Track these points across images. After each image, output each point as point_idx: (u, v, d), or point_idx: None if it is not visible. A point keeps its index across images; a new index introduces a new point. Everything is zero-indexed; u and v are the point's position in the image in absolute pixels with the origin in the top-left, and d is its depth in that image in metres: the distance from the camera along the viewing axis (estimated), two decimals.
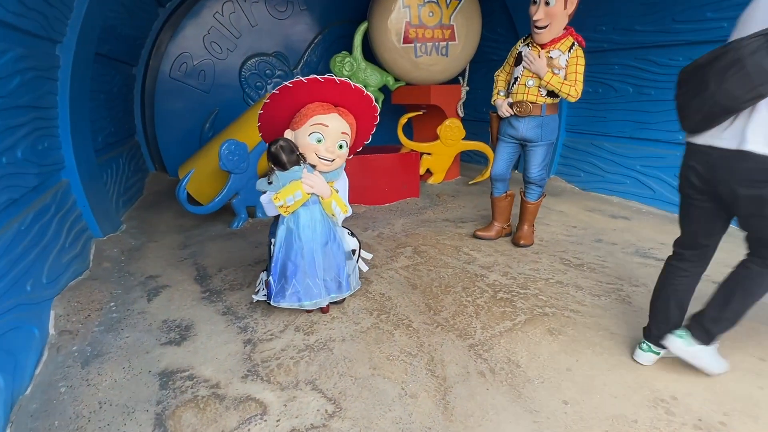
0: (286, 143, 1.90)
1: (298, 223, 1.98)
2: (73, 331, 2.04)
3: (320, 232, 2.00)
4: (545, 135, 2.72)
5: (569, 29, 2.59)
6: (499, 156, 2.89)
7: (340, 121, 1.94)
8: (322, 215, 2.01)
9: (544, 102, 2.65)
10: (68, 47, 2.70)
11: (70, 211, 2.76)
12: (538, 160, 2.78)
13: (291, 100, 1.93)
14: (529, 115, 2.68)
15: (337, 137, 1.96)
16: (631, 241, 3.00)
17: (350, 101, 1.96)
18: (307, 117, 1.93)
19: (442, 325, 2.06)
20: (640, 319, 2.06)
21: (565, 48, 2.57)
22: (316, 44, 5.22)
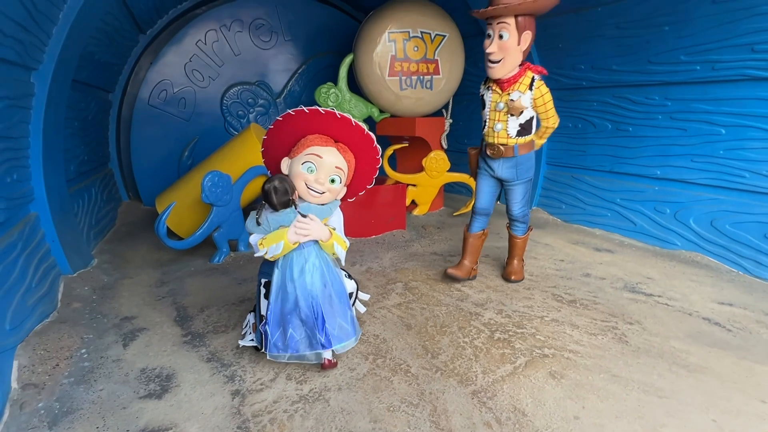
0: (281, 185, 1.79)
1: (292, 268, 1.85)
2: (39, 385, 1.85)
3: (318, 276, 1.87)
4: (521, 174, 2.66)
5: (526, 64, 2.50)
6: (481, 189, 2.83)
7: (336, 155, 1.89)
8: (318, 257, 1.88)
9: (515, 143, 2.58)
10: (44, 75, 2.58)
11: (39, 246, 2.58)
12: (518, 198, 2.74)
13: (293, 129, 1.89)
14: (502, 157, 2.62)
15: (330, 170, 1.88)
16: (618, 276, 3.02)
17: (351, 139, 1.91)
18: (305, 147, 1.88)
19: (441, 370, 1.98)
20: (640, 360, 2.04)
21: (524, 87, 2.48)
22: (299, 74, 5.21)
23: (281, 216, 1.82)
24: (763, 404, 1.75)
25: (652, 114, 3.62)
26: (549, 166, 4.63)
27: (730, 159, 3.13)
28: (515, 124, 2.53)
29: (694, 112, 3.32)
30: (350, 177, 1.99)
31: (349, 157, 1.93)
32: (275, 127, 1.90)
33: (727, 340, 2.21)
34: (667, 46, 3.37)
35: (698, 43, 3.18)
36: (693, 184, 3.38)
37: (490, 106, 2.57)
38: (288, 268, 1.86)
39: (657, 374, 1.94)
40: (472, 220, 2.88)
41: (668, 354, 2.09)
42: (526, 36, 2.38)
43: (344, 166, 1.92)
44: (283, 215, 1.82)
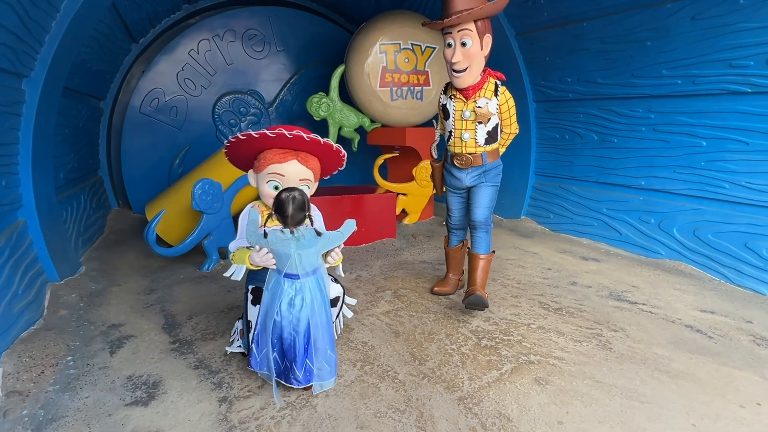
0: (301, 197, 1.66)
1: (281, 298, 1.71)
2: (24, 392, 1.83)
3: (306, 313, 1.72)
4: (489, 179, 2.59)
5: (487, 70, 2.46)
6: (453, 206, 2.75)
7: (298, 166, 1.86)
8: (312, 292, 1.72)
9: (483, 151, 2.51)
10: (36, 82, 2.59)
11: (26, 253, 2.57)
12: (485, 201, 2.58)
13: (250, 146, 1.87)
14: (471, 167, 2.54)
15: (295, 184, 1.86)
16: (604, 284, 3.07)
17: (309, 147, 1.89)
18: (265, 165, 1.87)
19: (428, 377, 2.00)
20: (623, 366, 2.08)
21: (490, 93, 2.44)
22: (291, 84, 5.26)
23: (283, 243, 1.66)
24: (741, 409, 1.79)
25: (636, 126, 3.71)
26: (537, 176, 4.70)
27: (711, 170, 3.21)
28: (483, 132, 2.47)
29: (676, 125, 3.41)
30: (318, 178, 1.99)
31: (312, 164, 1.90)
32: (229, 150, 1.90)
33: (708, 346, 2.25)
34: (650, 60, 3.47)
35: (679, 58, 3.28)
36: (676, 194, 3.46)
37: (455, 116, 2.50)
38: (277, 297, 1.71)
39: (640, 380, 1.97)
40: (449, 235, 2.85)
41: (651, 360, 2.13)
42: (487, 39, 2.36)
43: (309, 174, 1.90)
44: (283, 242, 1.66)
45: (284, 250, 1.68)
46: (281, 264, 1.71)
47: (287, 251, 1.68)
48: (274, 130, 1.78)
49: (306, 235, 1.69)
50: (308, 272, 1.72)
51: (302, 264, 1.69)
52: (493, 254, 2.64)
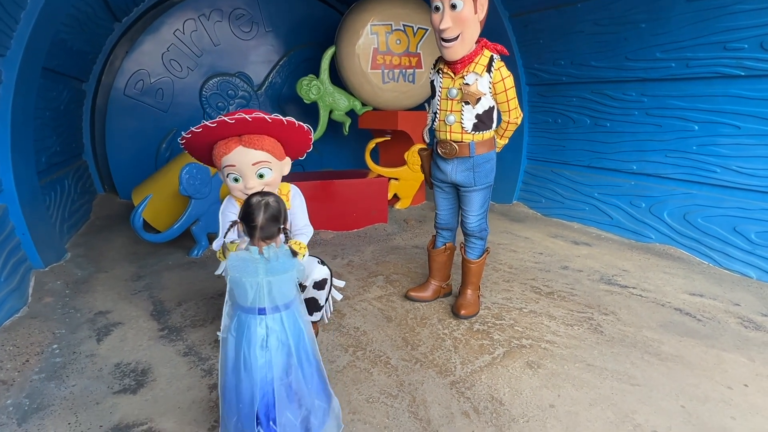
0: (277, 204, 1.34)
1: (249, 340, 1.30)
2: (8, 381, 1.79)
3: (282, 355, 1.32)
4: (479, 179, 2.21)
5: (482, 41, 2.09)
6: (440, 204, 2.41)
7: (246, 152, 1.75)
8: (287, 326, 1.34)
9: (471, 140, 2.14)
10: (12, 62, 2.48)
11: (8, 239, 2.50)
12: (475, 207, 2.27)
13: (200, 141, 1.80)
14: (456, 157, 2.19)
15: (251, 170, 1.77)
16: (595, 268, 3.08)
17: (256, 127, 1.76)
18: (218, 159, 1.80)
19: (421, 362, 1.99)
20: (614, 350, 2.09)
21: (481, 69, 2.05)
22: (281, 66, 5.14)
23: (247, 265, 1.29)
24: (729, 390, 1.82)
25: (628, 110, 3.69)
26: (529, 160, 4.69)
27: (703, 155, 3.21)
28: (471, 116, 2.10)
29: (668, 108, 3.40)
30: (280, 150, 1.85)
31: (262, 143, 1.77)
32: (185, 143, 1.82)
33: (697, 329, 2.28)
34: (644, 43, 3.44)
35: (673, 41, 3.25)
36: (667, 178, 3.46)
37: (441, 94, 2.15)
38: (244, 342, 1.31)
39: (630, 363, 1.99)
40: (435, 235, 2.51)
41: (641, 343, 2.14)
42: (483, 1, 2.00)
43: (263, 155, 1.78)
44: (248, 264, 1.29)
45: (249, 275, 1.28)
46: (242, 296, 1.30)
47: (253, 277, 1.28)
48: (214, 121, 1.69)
49: (279, 256, 1.31)
50: (280, 306, 1.33)
51: (272, 294, 1.30)
52: (487, 253, 2.41)
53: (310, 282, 2.01)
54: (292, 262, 1.34)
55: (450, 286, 2.65)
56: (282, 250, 1.34)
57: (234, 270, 1.30)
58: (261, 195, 1.36)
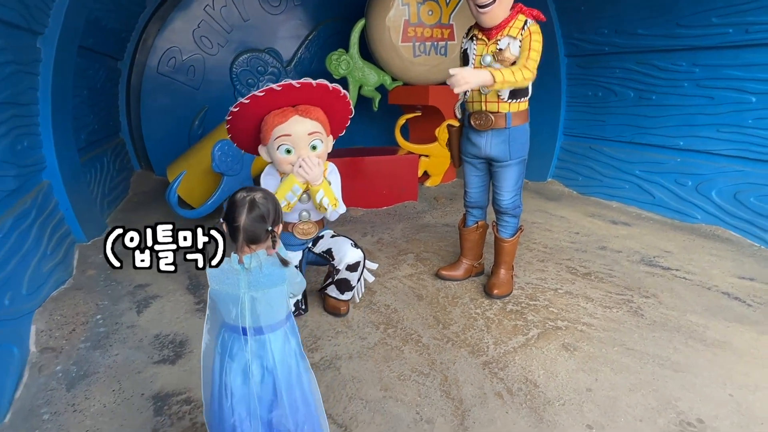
0: (266, 202, 1.13)
1: (231, 366, 1.14)
2: (57, 349, 1.88)
3: (271, 375, 1.15)
4: (514, 152, 2.13)
5: (518, 6, 2.00)
6: (469, 180, 2.33)
7: (302, 122, 1.78)
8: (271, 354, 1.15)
9: (507, 110, 2.06)
10: (50, 40, 2.53)
11: (52, 214, 2.59)
12: (510, 183, 2.18)
13: (248, 115, 1.80)
14: (491, 129, 2.11)
15: (305, 140, 1.80)
16: (635, 249, 2.95)
17: (308, 96, 1.80)
18: (269, 131, 1.80)
19: (452, 341, 1.97)
20: (655, 334, 2.00)
21: (516, 31, 1.96)
22: (310, 41, 5.07)
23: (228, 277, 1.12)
24: None
25: (678, 81, 3.45)
26: (566, 136, 4.49)
27: (760, 129, 2.98)
28: None
29: (723, 79, 3.15)
30: (329, 126, 1.91)
31: (316, 114, 1.81)
32: (230, 123, 1.81)
33: (747, 314, 2.15)
34: (698, 7, 3.17)
35: (732, 4, 2.98)
36: (718, 155, 3.24)
37: (475, 61, 2.05)
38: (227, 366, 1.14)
39: (673, 348, 1.90)
40: (465, 214, 2.45)
41: (685, 328, 2.04)
42: None
43: (316, 126, 1.81)
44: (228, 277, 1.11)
45: (229, 288, 1.12)
46: (225, 311, 1.15)
47: (234, 291, 1.12)
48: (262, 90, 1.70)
49: (264, 268, 1.12)
50: (264, 327, 1.14)
51: (255, 313, 1.12)
52: (521, 232, 2.32)
53: (344, 265, 2.01)
54: (281, 274, 1.13)
55: (482, 265, 2.59)
56: (269, 261, 1.13)
57: (214, 280, 1.14)
58: (248, 190, 1.15)
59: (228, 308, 1.14)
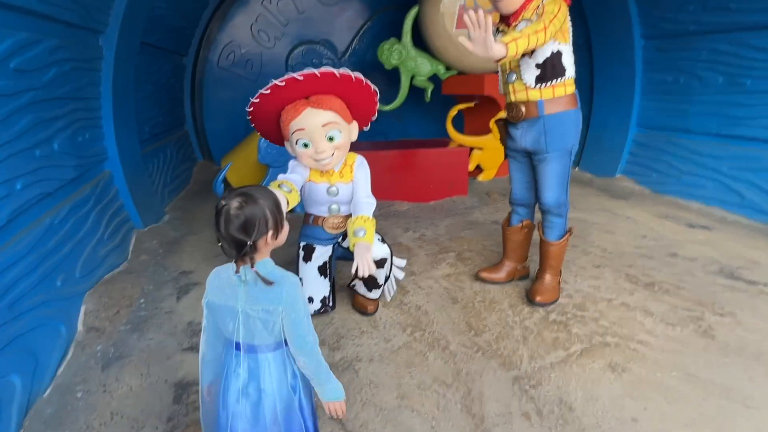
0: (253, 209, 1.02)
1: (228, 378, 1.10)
2: (101, 329, 2.00)
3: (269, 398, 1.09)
4: (551, 143, 1.92)
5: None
6: (513, 175, 2.19)
7: (315, 114, 1.74)
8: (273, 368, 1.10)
9: (539, 97, 1.87)
10: (111, 38, 2.69)
11: (112, 202, 2.77)
12: (551, 178, 1.98)
13: (265, 113, 1.80)
14: (523, 120, 1.95)
15: (321, 132, 1.76)
16: (713, 257, 2.57)
17: (321, 86, 1.75)
18: (286, 126, 1.78)
19: (483, 350, 1.82)
20: (727, 359, 1.71)
21: (530, 12, 1.79)
22: (364, 31, 5.01)
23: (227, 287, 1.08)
24: None
25: None
26: (640, 128, 4.04)
27: None
28: (530, 67, 1.84)
29: None
30: (348, 112, 1.85)
31: (331, 104, 1.77)
32: (253, 118, 1.83)
33: None
34: None
35: None
36: None
37: None
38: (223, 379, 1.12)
39: (747, 379, 1.61)
40: (510, 211, 2.30)
41: (766, 356, 1.73)
42: None
43: (331, 116, 1.78)
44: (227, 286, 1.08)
45: (228, 299, 1.07)
46: (223, 325, 1.11)
47: (232, 303, 1.06)
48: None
49: (259, 281, 1.04)
50: (258, 346, 1.08)
51: (248, 330, 1.06)
52: (569, 235, 2.11)
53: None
54: (278, 294, 1.03)
55: (527, 268, 2.40)
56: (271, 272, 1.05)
57: (212, 292, 1.10)
58: (230, 196, 1.03)
59: (225, 321, 1.09)
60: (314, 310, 2.00)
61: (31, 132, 1.89)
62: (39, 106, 1.97)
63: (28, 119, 1.86)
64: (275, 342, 1.09)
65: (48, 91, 2.05)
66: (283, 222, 1.10)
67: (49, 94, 2.06)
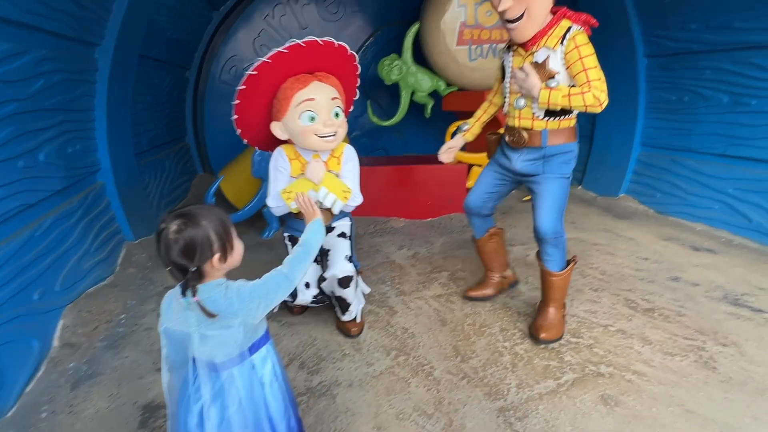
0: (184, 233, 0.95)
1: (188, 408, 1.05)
2: (76, 345, 1.95)
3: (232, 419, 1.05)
4: (550, 169, 1.86)
5: (562, 10, 1.71)
6: (479, 182, 2.10)
7: (324, 87, 1.73)
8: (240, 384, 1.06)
9: (544, 127, 1.80)
10: (107, 50, 2.68)
11: (102, 213, 2.74)
12: (548, 200, 1.86)
13: (263, 85, 1.74)
14: (525, 147, 1.87)
15: (330, 106, 1.74)
16: (717, 283, 2.46)
17: (325, 62, 1.75)
18: (288, 99, 1.71)
19: (469, 377, 1.73)
20: (729, 395, 1.61)
21: (554, 41, 1.68)
22: (367, 46, 5.02)
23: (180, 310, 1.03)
24: None
25: None
26: (644, 147, 3.96)
27: None
28: None
29: None
30: (344, 97, 1.87)
31: (333, 82, 1.78)
32: (243, 94, 1.75)
33: None
34: None
35: None
36: None
37: (510, 74, 1.83)
38: (183, 403, 1.07)
39: (751, 416, 1.50)
40: (468, 222, 2.25)
41: None
42: None
43: (336, 93, 1.78)
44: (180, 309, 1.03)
45: (181, 325, 1.03)
46: (183, 351, 1.07)
47: (185, 328, 1.02)
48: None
49: (208, 303, 1.00)
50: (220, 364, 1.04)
51: (208, 349, 1.02)
52: (573, 265, 1.97)
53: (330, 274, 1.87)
54: (230, 309, 0.99)
55: (514, 274, 2.39)
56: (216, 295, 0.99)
57: (167, 318, 1.04)
58: (169, 219, 0.96)
59: (183, 347, 1.04)
60: (312, 295, 1.90)
61: (14, 143, 1.87)
62: (23, 117, 1.95)
63: (9, 130, 1.84)
64: (239, 354, 1.05)
65: (34, 102, 2.03)
66: (232, 243, 1.04)
67: (35, 105, 2.04)
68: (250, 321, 1.05)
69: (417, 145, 5.25)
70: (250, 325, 1.06)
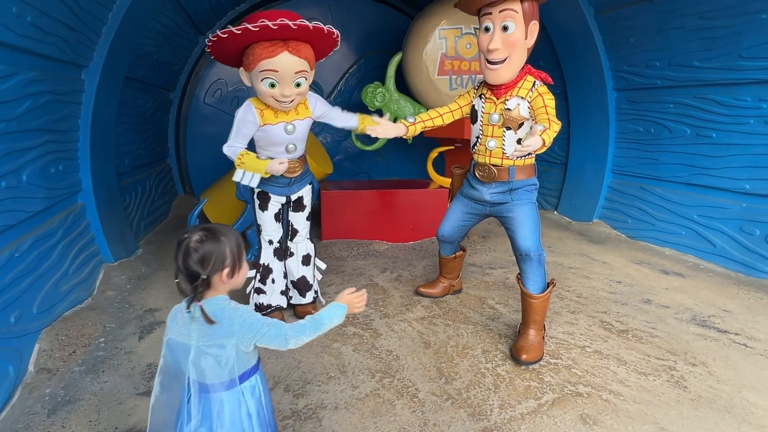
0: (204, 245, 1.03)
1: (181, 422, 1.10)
2: (52, 370, 1.90)
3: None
4: (518, 197, 2.10)
5: (526, 67, 2.00)
6: (449, 214, 2.39)
7: (290, 58, 1.78)
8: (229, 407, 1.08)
9: (511, 165, 2.06)
10: (94, 72, 2.70)
11: (82, 234, 2.70)
12: (528, 223, 2.07)
13: (234, 43, 1.79)
14: (494, 181, 2.11)
15: (291, 78, 1.80)
16: (686, 305, 2.58)
17: (300, 33, 1.78)
18: (254, 63, 1.77)
19: (453, 399, 1.76)
20: (699, 413, 1.68)
21: (524, 92, 1.96)
22: (350, 74, 5.16)
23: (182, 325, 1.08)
24: None
25: (742, 118, 3.09)
26: (615, 174, 4.16)
27: None
28: (512, 141, 2.03)
29: None
30: (313, 64, 1.93)
31: (305, 52, 1.82)
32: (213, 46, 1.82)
33: None
34: (765, 37, 2.85)
35: None
36: None
37: (483, 119, 2.08)
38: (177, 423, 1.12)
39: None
40: (439, 245, 2.61)
41: (739, 408, 1.70)
42: (534, 28, 1.93)
43: (303, 65, 1.82)
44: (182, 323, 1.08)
45: (183, 337, 1.07)
46: (181, 365, 1.09)
47: (186, 341, 1.06)
48: (257, 21, 1.69)
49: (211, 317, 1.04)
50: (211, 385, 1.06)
51: (199, 369, 1.05)
52: (552, 287, 2.08)
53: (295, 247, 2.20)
54: (229, 328, 1.02)
55: (460, 283, 2.75)
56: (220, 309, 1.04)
57: (171, 329, 1.08)
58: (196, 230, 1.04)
59: (182, 360, 1.08)
60: (273, 249, 2.21)
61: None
62: (9, 138, 1.94)
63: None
64: (229, 379, 1.07)
65: (21, 122, 2.03)
66: (242, 263, 1.11)
67: (21, 126, 2.04)
68: (241, 347, 1.08)
69: (399, 170, 5.37)
70: (242, 352, 1.09)
